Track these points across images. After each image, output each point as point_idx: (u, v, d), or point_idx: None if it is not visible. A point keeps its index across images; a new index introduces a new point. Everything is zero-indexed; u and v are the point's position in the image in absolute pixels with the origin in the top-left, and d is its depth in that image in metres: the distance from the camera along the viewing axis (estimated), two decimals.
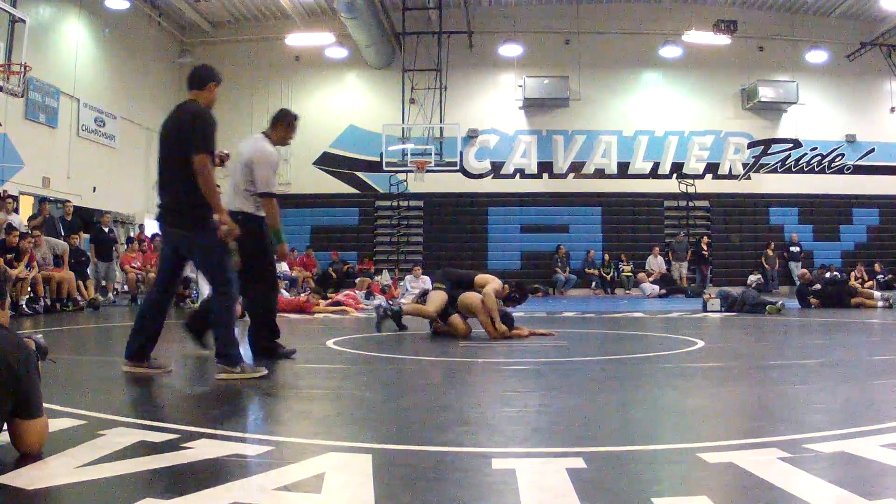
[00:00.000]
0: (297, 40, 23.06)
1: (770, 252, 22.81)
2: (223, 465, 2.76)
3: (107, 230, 16.38)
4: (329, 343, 7.49)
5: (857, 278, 20.24)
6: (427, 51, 22.60)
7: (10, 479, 2.50)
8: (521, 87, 23.86)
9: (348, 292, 14.95)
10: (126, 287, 16.26)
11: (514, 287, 8.39)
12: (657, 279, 21.80)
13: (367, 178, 24.13)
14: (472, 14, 23.08)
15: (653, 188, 24.10)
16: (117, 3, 19.60)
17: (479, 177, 24.16)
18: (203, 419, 3.91)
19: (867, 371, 5.62)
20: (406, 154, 21.74)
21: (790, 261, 22.81)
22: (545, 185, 24.24)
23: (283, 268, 18.81)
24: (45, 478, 2.54)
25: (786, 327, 10.23)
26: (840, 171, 24.30)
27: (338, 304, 13.57)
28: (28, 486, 2.44)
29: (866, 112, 24.30)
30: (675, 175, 24.08)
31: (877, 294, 14.48)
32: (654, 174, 24.31)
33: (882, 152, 24.20)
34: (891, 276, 21.95)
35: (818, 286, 14.55)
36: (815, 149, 24.32)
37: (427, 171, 21.53)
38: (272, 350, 6.19)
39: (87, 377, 5.33)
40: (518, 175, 24.35)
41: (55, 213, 15.38)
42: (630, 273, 22.77)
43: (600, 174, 24.34)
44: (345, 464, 2.77)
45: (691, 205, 23.81)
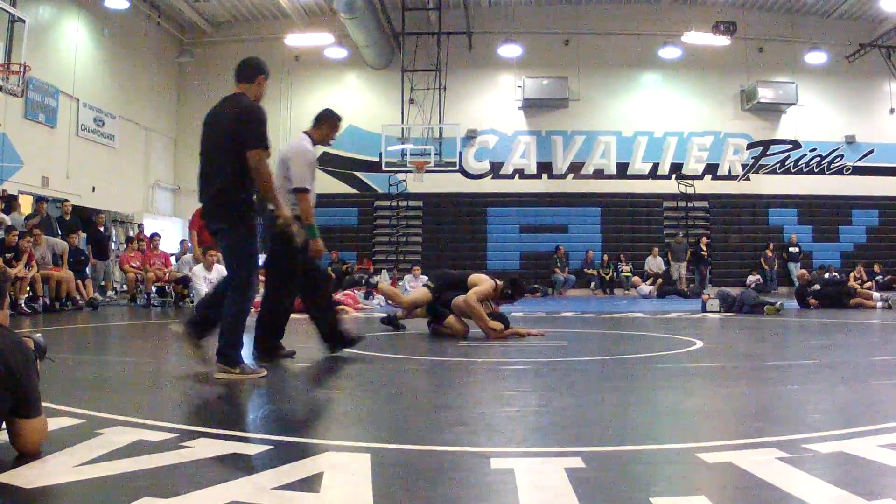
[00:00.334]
0: (296, 40, 23.06)
1: (769, 253, 22.82)
2: (222, 464, 2.75)
3: (102, 229, 16.37)
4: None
5: (857, 279, 20.25)
6: (426, 51, 22.61)
7: (8, 477, 2.50)
8: (520, 87, 23.88)
9: (347, 292, 14.94)
10: (125, 287, 16.25)
11: (509, 283, 8.38)
12: (653, 281, 21.82)
13: (366, 178, 24.13)
14: (471, 14, 23.09)
15: (652, 189, 24.12)
16: (117, 3, 19.61)
17: (479, 177, 24.16)
18: (202, 418, 3.91)
19: (866, 371, 5.62)
20: (405, 154, 21.74)
21: (789, 261, 22.83)
22: (544, 185, 24.26)
23: None
24: (43, 476, 2.54)
25: (785, 328, 10.23)
26: (839, 172, 24.32)
27: (337, 303, 13.54)
28: (27, 485, 2.44)
29: (866, 113, 24.32)
30: (674, 176, 24.11)
31: (876, 295, 14.50)
32: (654, 175, 24.33)
33: (881, 153, 24.22)
34: (890, 277, 21.94)
35: (817, 287, 14.57)
36: (815, 150, 24.34)
37: (426, 172, 21.53)
38: (274, 350, 6.16)
39: (85, 376, 5.32)
40: (517, 175, 24.36)
41: (53, 213, 15.37)
42: (629, 273, 22.78)
43: (599, 175, 24.35)
44: (343, 463, 2.77)
45: (690, 205, 23.83)
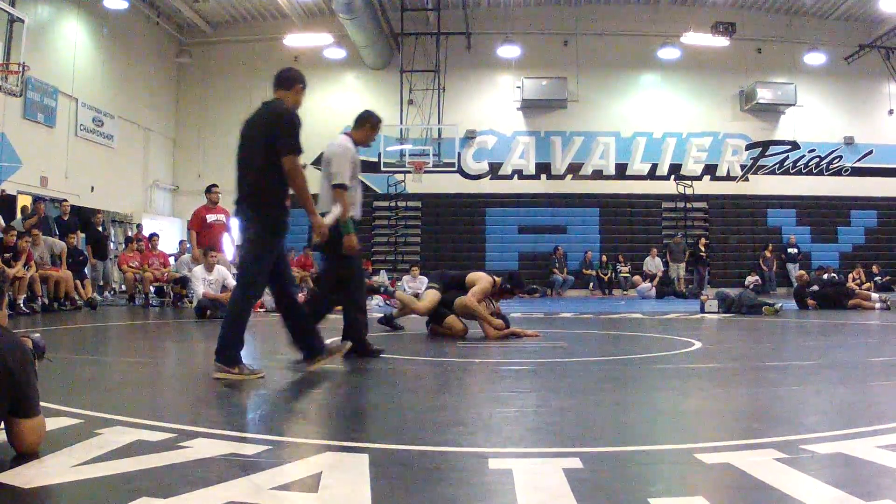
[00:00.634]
0: (295, 41, 23.08)
1: (768, 253, 22.83)
2: (220, 464, 2.75)
3: (100, 229, 16.36)
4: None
5: (855, 280, 20.25)
6: (425, 52, 22.62)
7: (7, 477, 2.50)
8: (519, 88, 23.89)
9: None
10: (123, 287, 16.24)
11: (507, 278, 8.41)
12: (650, 280, 21.82)
13: (364, 178, 24.08)
14: (470, 15, 23.10)
15: (651, 189, 24.14)
16: (116, 3, 19.60)
17: (477, 178, 24.17)
18: (200, 418, 3.91)
19: (864, 372, 5.62)
20: (404, 155, 21.75)
21: (788, 262, 22.83)
22: (543, 186, 24.26)
23: None
24: (42, 476, 2.54)
25: (783, 329, 10.23)
26: (838, 172, 24.34)
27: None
28: (25, 485, 2.44)
29: (864, 114, 24.35)
30: (672, 176, 24.12)
31: (874, 296, 14.50)
32: (652, 175, 24.34)
33: (880, 154, 24.24)
34: (888, 278, 21.97)
35: (816, 288, 14.56)
36: (814, 151, 24.36)
37: (425, 172, 21.55)
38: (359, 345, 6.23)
39: (84, 376, 5.32)
40: (516, 176, 24.37)
41: (52, 213, 15.37)
42: (627, 274, 22.78)
43: (598, 175, 24.36)
44: (341, 463, 2.77)
45: (689, 206, 23.85)
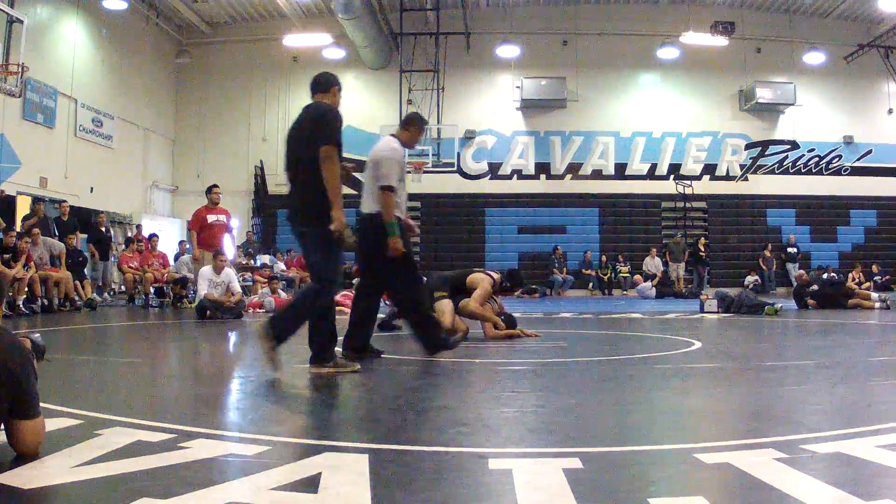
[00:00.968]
0: (294, 41, 23.09)
1: (767, 253, 22.83)
2: (220, 464, 2.75)
3: (103, 230, 16.37)
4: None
5: (854, 280, 20.26)
6: (424, 52, 22.62)
7: (7, 478, 2.50)
8: (518, 88, 23.90)
9: (345, 293, 14.91)
10: (123, 287, 16.24)
11: (506, 276, 8.41)
12: (655, 281, 21.82)
13: (364, 179, 24.08)
14: (469, 15, 23.11)
15: (650, 189, 24.15)
16: (115, 4, 19.62)
17: (477, 178, 24.18)
18: (200, 419, 3.90)
19: (864, 372, 5.62)
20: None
21: (787, 262, 22.84)
22: (542, 185, 24.27)
23: (279, 267, 18.84)
24: (42, 477, 2.54)
25: (783, 328, 10.24)
26: (837, 172, 24.36)
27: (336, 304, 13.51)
28: (25, 486, 2.44)
29: (864, 113, 24.37)
30: (672, 176, 24.14)
31: (874, 295, 14.51)
32: (652, 175, 24.36)
33: (879, 154, 24.27)
34: (888, 278, 21.98)
35: (815, 287, 14.57)
36: (813, 150, 24.38)
37: (424, 172, 21.55)
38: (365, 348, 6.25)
39: (84, 377, 5.32)
40: (515, 176, 24.38)
41: (51, 214, 15.36)
42: (627, 274, 22.78)
43: (598, 175, 24.38)
44: (341, 464, 2.77)
45: (688, 206, 23.86)
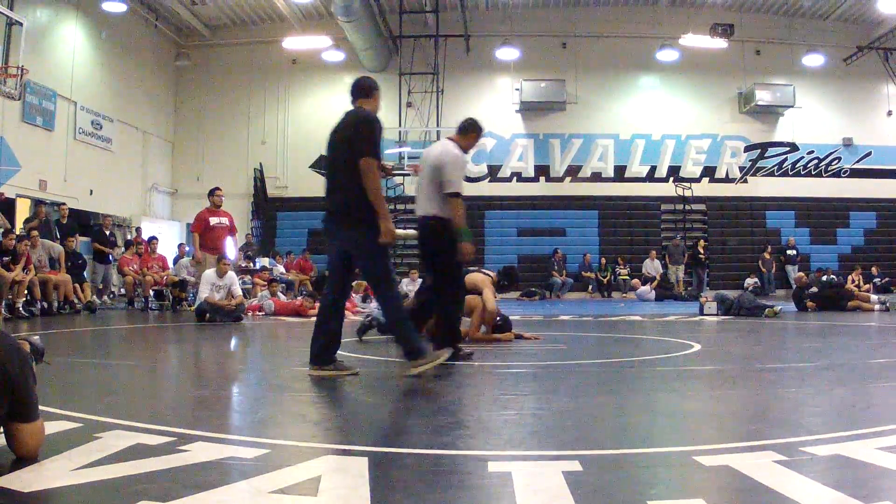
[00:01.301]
0: (293, 43, 23.11)
1: (767, 255, 22.83)
2: (219, 467, 2.75)
3: (107, 233, 16.38)
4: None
5: (854, 282, 20.25)
6: (424, 54, 22.65)
7: (6, 481, 2.50)
8: (517, 90, 23.91)
9: None
10: (123, 290, 16.24)
11: (504, 275, 8.43)
12: (655, 284, 21.79)
13: None
14: (468, 18, 23.12)
15: (649, 192, 24.16)
16: (114, 7, 19.65)
17: (476, 180, 24.16)
18: (199, 422, 3.90)
19: (864, 374, 5.62)
20: (403, 157, 21.75)
21: (787, 264, 22.83)
22: (542, 188, 24.28)
23: (279, 269, 18.83)
24: (41, 480, 2.54)
25: (782, 330, 10.24)
26: (837, 174, 24.37)
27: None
28: (24, 489, 2.44)
29: (863, 115, 24.39)
30: (671, 178, 24.14)
31: (874, 297, 14.51)
32: (651, 178, 24.36)
33: (879, 156, 24.28)
34: (888, 280, 21.96)
35: (815, 289, 14.57)
36: (812, 152, 24.39)
37: None
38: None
39: (83, 380, 5.32)
40: (515, 178, 24.39)
41: (52, 216, 15.37)
42: (627, 276, 22.77)
43: (597, 177, 24.39)
44: (341, 467, 2.77)
45: (688, 208, 23.86)
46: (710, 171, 24.45)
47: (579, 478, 2.60)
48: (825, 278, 17.60)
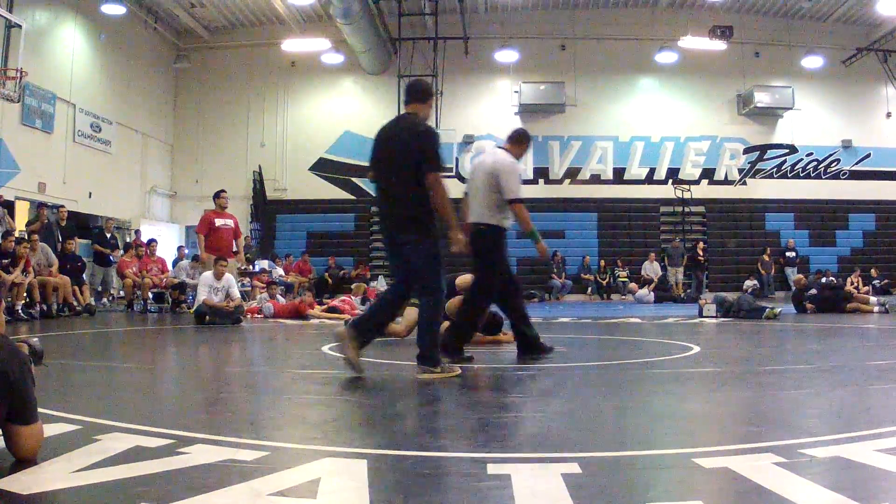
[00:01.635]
0: (292, 46, 23.12)
1: (766, 257, 22.84)
2: (218, 470, 2.75)
3: (109, 236, 16.38)
4: (324, 349, 7.48)
5: (853, 284, 20.26)
6: (423, 57, 22.66)
7: (5, 484, 2.50)
8: (516, 92, 23.91)
9: (344, 298, 14.94)
10: (122, 293, 16.25)
11: None
12: (653, 286, 21.77)
13: (362, 183, 24.12)
14: (467, 20, 23.13)
15: (649, 194, 24.16)
16: (113, 9, 19.65)
17: None
18: (198, 424, 3.90)
19: (863, 376, 5.62)
20: None
21: (786, 266, 22.84)
22: (541, 190, 24.26)
23: (278, 272, 18.84)
24: (40, 483, 2.54)
25: (781, 332, 10.24)
26: (836, 176, 24.38)
27: (334, 309, 13.55)
28: (23, 492, 2.44)
29: (862, 117, 24.40)
30: (670, 181, 24.14)
31: (873, 299, 14.50)
32: (650, 180, 24.37)
33: (878, 157, 24.30)
34: (887, 282, 21.99)
35: (814, 291, 14.57)
36: (811, 154, 24.41)
37: None
38: (532, 346, 6.55)
39: (82, 382, 5.32)
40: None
41: (51, 219, 15.38)
42: (626, 279, 22.77)
43: (596, 180, 24.39)
44: (340, 469, 2.77)
45: (687, 210, 23.85)
46: (709, 173, 24.46)
47: (579, 480, 2.60)
48: (824, 280, 17.60)
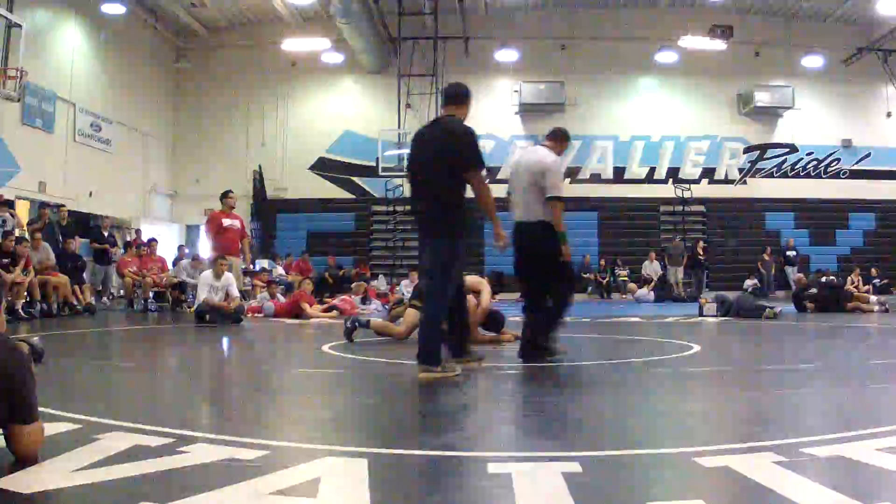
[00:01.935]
0: (293, 45, 23.13)
1: (766, 257, 22.82)
2: (219, 469, 2.75)
3: (106, 234, 16.37)
4: (325, 348, 7.49)
5: (853, 283, 20.24)
6: (423, 56, 22.65)
7: (6, 483, 2.50)
8: (516, 92, 23.92)
9: (344, 297, 14.93)
10: (122, 292, 16.24)
11: (495, 278, 8.50)
12: (653, 285, 21.76)
13: (363, 182, 24.14)
14: (467, 20, 23.14)
15: (649, 193, 24.15)
16: (114, 9, 19.65)
17: None
18: (199, 423, 3.91)
19: (863, 375, 5.62)
20: (402, 159, 21.73)
21: (786, 265, 22.82)
22: None
23: (278, 271, 18.83)
24: (41, 482, 2.54)
25: (782, 332, 10.24)
26: (836, 175, 24.38)
27: (334, 308, 13.55)
28: (24, 491, 2.44)
29: (862, 117, 24.39)
30: (671, 180, 24.14)
31: (873, 298, 14.51)
32: (651, 179, 24.37)
33: (878, 157, 24.29)
34: (887, 281, 21.97)
35: (814, 291, 14.56)
36: (811, 153, 24.40)
37: None
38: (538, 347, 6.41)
39: (83, 381, 5.32)
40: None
41: (53, 218, 15.37)
42: (626, 278, 22.76)
43: (596, 179, 24.39)
44: (340, 468, 2.77)
45: (687, 209, 23.86)
46: (709, 173, 24.46)
47: (579, 479, 2.60)
48: (824, 279, 17.59)
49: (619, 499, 2.50)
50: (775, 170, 24.47)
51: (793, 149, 24.39)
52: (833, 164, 24.42)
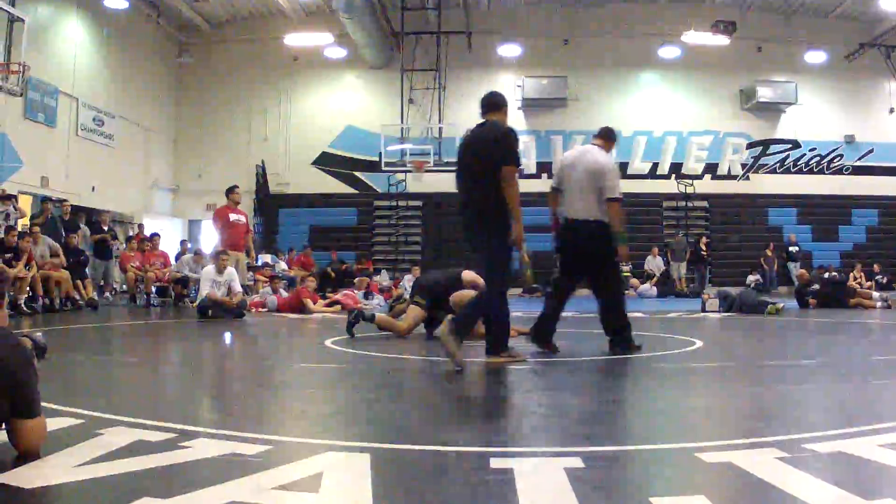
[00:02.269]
0: (295, 40, 23.11)
1: (769, 252, 22.79)
2: (221, 464, 2.75)
3: (106, 229, 16.37)
4: (327, 343, 7.49)
5: (856, 279, 20.24)
6: (426, 51, 22.61)
7: (8, 478, 2.50)
8: (519, 87, 23.87)
9: (347, 292, 14.93)
10: (125, 287, 16.25)
11: None
12: (655, 281, 21.74)
13: (365, 177, 24.13)
14: (470, 14, 23.10)
15: (651, 188, 24.10)
16: (116, 3, 19.65)
17: None
18: (201, 418, 3.91)
19: (865, 371, 5.62)
20: (405, 154, 21.75)
21: (789, 261, 22.81)
22: (544, 185, 23.91)
23: (281, 266, 18.84)
24: (43, 477, 2.55)
25: (784, 328, 10.23)
26: (839, 171, 24.34)
27: (336, 303, 13.55)
28: (26, 485, 2.44)
29: (865, 113, 24.34)
30: (673, 175, 24.12)
31: (875, 294, 14.49)
32: (653, 174, 24.34)
33: (881, 153, 24.24)
34: (889, 277, 21.96)
35: (817, 287, 14.55)
36: (814, 149, 24.36)
37: (426, 171, 21.53)
38: (622, 340, 6.57)
39: (85, 376, 5.32)
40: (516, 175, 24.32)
41: (55, 213, 15.38)
42: (628, 273, 22.72)
43: None
44: (343, 463, 2.77)
45: (690, 205, 23.83)
46: (712, 168, 24.43)
47: (582, 474, 2.60)
48: (827, 275, 17.58)
49: (621, 494, 2.50)
50: (778, 165, 24.44)
51: (795, 144, 24.36)
52: (836, 160, 24.38)
